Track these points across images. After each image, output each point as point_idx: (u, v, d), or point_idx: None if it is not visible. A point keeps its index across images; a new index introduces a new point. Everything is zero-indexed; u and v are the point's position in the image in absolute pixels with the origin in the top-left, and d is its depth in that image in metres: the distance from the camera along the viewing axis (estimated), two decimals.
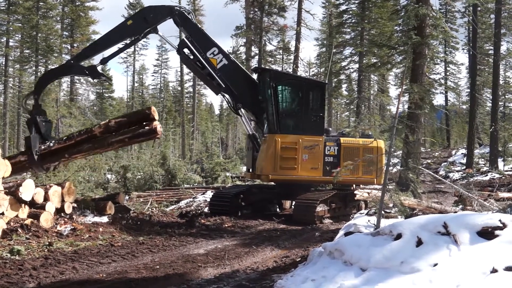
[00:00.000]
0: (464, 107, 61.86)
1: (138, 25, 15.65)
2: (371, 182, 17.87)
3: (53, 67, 16.05)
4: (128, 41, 16.46)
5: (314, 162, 17.16)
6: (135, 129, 13.48)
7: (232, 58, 17.14)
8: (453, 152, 48.41)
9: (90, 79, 14.19)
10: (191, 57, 16.52)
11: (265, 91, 17.29)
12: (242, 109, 17.42)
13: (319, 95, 17.66)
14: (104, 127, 13.45)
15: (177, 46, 16.63)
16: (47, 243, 11.36)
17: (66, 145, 13.75)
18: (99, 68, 16.22)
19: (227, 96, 17.36)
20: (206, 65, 16.43)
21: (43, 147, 13.87)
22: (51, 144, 13.83)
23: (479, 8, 35.71)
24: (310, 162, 17.16)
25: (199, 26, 16.23)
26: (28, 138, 14.29)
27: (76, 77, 52.85)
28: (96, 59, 16.71)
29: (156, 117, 13.57)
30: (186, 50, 16.55)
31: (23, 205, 12.97)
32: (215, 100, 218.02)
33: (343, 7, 46.02)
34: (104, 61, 16.57)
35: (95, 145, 13.47)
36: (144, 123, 13.62)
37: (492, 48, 39.28)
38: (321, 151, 17.19)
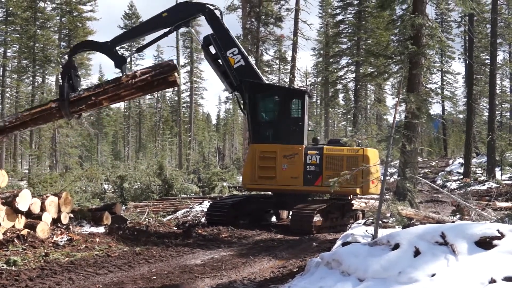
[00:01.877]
0: (461, 116, 61.99)
1: (172, 17, 16.10)
2: (356, 193, 17.12)
3: (91, 39, 16.90)
4: (161, 33, 16.69)
5: (294, 172, 17.06)
6: (155, 74, 13.82)
7: (250, 61, 17.34)
8: (450, 161, 48.42)
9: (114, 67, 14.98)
10: (214, 53, 17.08)
11: (244, 102, 17.48)
12: None
13: (298, 103, 17.52)
14: (131, 76, 13.87)
15: (202, 42, 17.44)
16: (44, 254, 11.32)
17: (94, 92, 14.16)
18: (134, 56, 17.22)
19: (237, 94, 17.82)
20: (224, 63, 16.94)
21: (73, 94, 14.27)
22: (81, 92, 14.33)
23: (475, 18, 35.80)
24: (290, 171, 17.09)
25: (225, 26, 16.68)
26: (61, 86, 14.87)
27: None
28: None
29: (178, 68, 14.01)
30: (212, 48, 17.18)
31: (19, 215, 12.93)
32: (212, 110, 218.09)
33: (340, 17, 46.23)
34: (139, 50, 17.44)
35: (120, 86, 13.86)
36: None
37: (489, 57, 39.36)
38: (302, 160, 17.05)
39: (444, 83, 60.56)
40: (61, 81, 15.30)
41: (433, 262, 6.45)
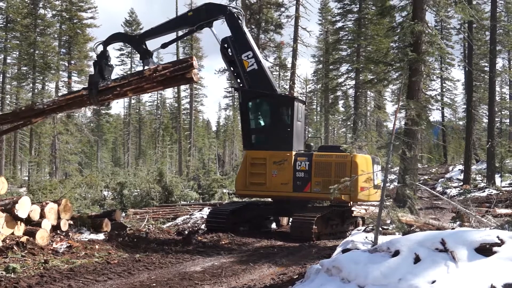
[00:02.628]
0: (461, 123, 61.95)
1: (196, 17, 17.05)
2: (343, 199, 16.74)
3: (122, 32, 18.36)
4: (185, 31, 18.33)
5: (283, 178, 17.12)
6: (174, 70, 14.49)
7: (264, 66, 17.51)
8: (450, 168, 48.37)
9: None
10: (230, 54, 17.49)
11: (239, 109, 17.90)
12: None
13: (287, 110, 17.49)
14: (153, 70, 14.64)
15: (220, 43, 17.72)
16: (43, 261, 11.30)
17: (120, 83, 15.13)
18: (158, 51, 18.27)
19: None
20: (238, 65, 17.32)
21: (102, 84, 15.25)
22: (109, 82, 15.32)
23: (474, 25, 35.84)
24: (279, 177, 17.16)
25: (244, 29, 17.17)
26: (91, 75, 16.29)
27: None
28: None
29: (196, 65, 14.50)
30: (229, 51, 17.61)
31: (19, 222, 12.92)
32: (212, 116, 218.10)
33: (340, 24, 46.31)
34: (164, 46, 17.74)
35: (142, 79, 14.71)
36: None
37: (488, 64, 39.40)
38: (291, 166, 17.07)
39: (444, 90, 60.61)
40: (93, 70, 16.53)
41: (433, 268, 6.44)
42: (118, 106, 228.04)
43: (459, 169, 42.65)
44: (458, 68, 68.66)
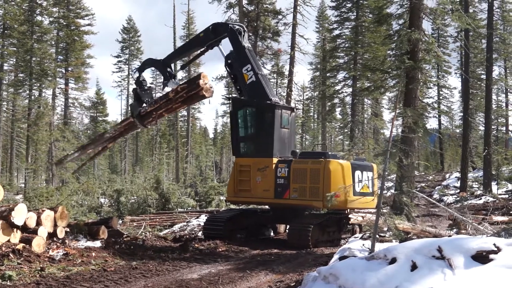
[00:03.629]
0: (458, 130, 61.89)
1: (206, 37, 18.45)
2: (318, 206, 16.93)
3: (151, 58, 19.95)
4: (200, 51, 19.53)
5: (266, 184, 17.29)
6: (188, 90, 16.47)
7: (260, 77, 17.89)
8: (447, 175, 48.45)
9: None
10: (232, 69, 18.42)
11: (229, 117, 18.65)
12: None
13: (268, 117, 17.62)
14: (175, 91, 16.63)
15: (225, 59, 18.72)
16: (39, 268, 11.27)
17: (154, 107, 17.32)
18: (179, 73, 19.78)
19: None
20: (239, 79, 18.13)
21: (142, 110, 17.62)
22: (146, 108, 17.60)
23: (471, 33, 35.93)
24: (262, 184, 17.35)
25: (244, 43, 17.95)
26: (131, 105, 19.88)
27: (70, 100, 53.34)
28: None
29: (205, 81, 16.23)
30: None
31: (15, 229, 12.88)
32: (209, 124, 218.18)
33: (337, 32, 46.41)
34: (183, 67, 20.17)
35: (169, 101, 16.84)
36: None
37: (484, 72, 39.54)
38: (273, 173, 17.19)
39: (441, 97, 60.77)
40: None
41: (430, 276, 6.45)
42: (115, 113, 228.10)
43: (456, 177, 42.70)
44: (455, 76, 68.84)
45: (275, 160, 17.32)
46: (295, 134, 19.73)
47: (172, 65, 20.28)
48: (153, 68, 25.18)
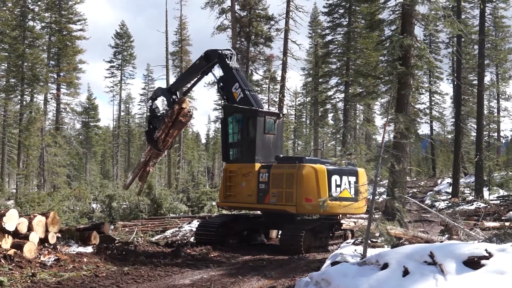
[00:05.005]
0: (449, 136, 62.17)
1: (200, 64, 19.59)
2: (291, 211, 16.68)
3: (162, 86, 20.85)
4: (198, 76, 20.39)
5: (249, 190, 17.46)
6: (171, 116, 18.98)
7: (247, 92, 18.40)
8: (439, 181, 48.54)
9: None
10: (224, 91, 19.19)
11: (220, 124, 19.36)
12: None
13: (251, 122, 17.83)
14: (169, 116, 18.99)
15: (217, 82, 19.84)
16: (30, 274, 11.22)
17: (159, 133, 19.38)
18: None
19: None
20: (230, 99, 18.75)
21: (155, 136, 19.57)
22: (157, 134, 19.45)
23: (463, 39, 36.12)
24: (247, 189, 17.56)
25: (231, 65, 18.84)
26: (145, 132, 21.71)
27: (62, 105, 53.15)
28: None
29: (183, 106, 18.80)
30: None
31: (6, 235, 12.81)
32: (201, 129, 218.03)
33: (329, 38, 46.47)
34: (184, 94, 21.43)
35: (167, 126, 19.13)
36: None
37: (476, 78, 39.68)
38: (255, 178, 17.31)
39: (433, 103, 60.90)
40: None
41: (422, 281, 6.46)
42: (107, 119, 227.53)
43: (448, 182, 42.79)
44: (447, 82, 69.14)
45: (257, 165, 17.46)
46: (282, 139, 19.75)
47: (178, 92, 21.21)
48: (145, 73, 25.92)
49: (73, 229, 16.06)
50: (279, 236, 18.49)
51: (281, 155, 18.24)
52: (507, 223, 20.30)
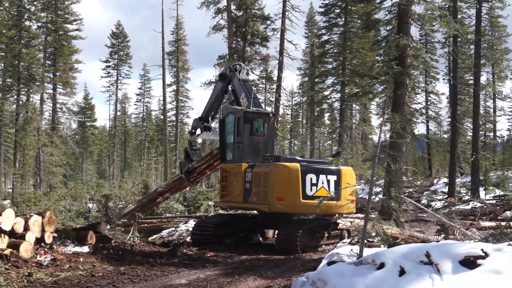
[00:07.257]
0: (446, 136, 62.23)
1: (218, 85, 21.25)
2: (264, 209, 16.92)
3: (197, 118, 22.47)
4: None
5: (238, 189, 17.67)
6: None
7: (250, 99, 18.82)
8: (435, 181, 48.56)
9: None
10: (234, 103, 19.72)
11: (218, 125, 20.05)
12: None
13: (239, 123, 18.12)
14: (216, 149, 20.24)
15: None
16: (27, 274, 11.21)
17: (199, 164, 20.92)
18: (212, 124, 22.30)
19: None
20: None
21: (190, 166, 21.27)
22: (194, 164, 21.12)
23: (459, 39, 36.15)
24: (237, 188, 17.75)
25: (238, 77, 19.81)
26: (180, 162, 23.01)
27: (58, 105, 53.01)
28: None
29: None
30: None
31: (2, 235, 12.79)
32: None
33: (325, 38, 46.38)
34: (212, 118, 22.06)
35: (212, 158, 20.37)
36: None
37: (472, 78, 39.73)
38: (242, 178, 17.49)
39: (429, 103, 60.91)
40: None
41: (418, 281, 6.47)
42: (103, 118, 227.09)
43: (444, 182, 42.82)
44: (443, 82, 69.16)
45: (244, 165, 17.64)
46: (274, 139, 19.89)
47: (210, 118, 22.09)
48: (141, 73, 26.05)
49: (70, 228, 16.05)
50: (275, 236, 18.50)
51: (268, 155, 18.29)
52: (503, 223, 20.32)
